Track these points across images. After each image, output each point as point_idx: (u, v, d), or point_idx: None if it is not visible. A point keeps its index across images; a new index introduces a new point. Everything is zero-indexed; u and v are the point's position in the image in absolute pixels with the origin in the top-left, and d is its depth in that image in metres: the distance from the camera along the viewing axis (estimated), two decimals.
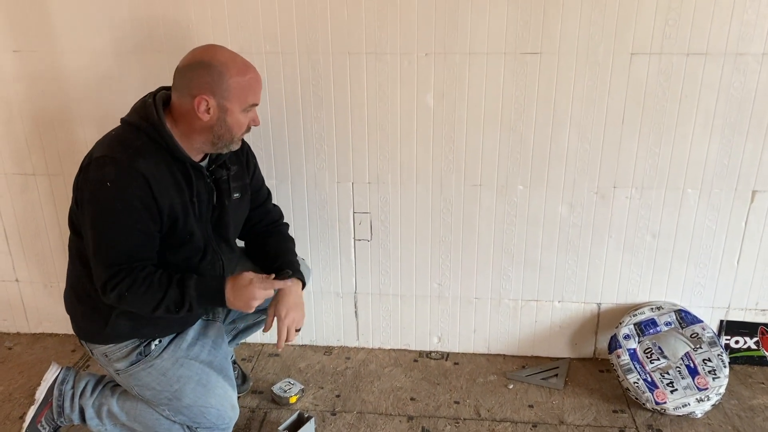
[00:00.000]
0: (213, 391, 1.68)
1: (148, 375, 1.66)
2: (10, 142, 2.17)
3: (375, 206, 2.15)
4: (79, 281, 1.66)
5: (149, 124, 1.54)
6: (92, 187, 1.50)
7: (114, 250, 1.52)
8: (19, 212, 2.27)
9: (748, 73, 1.87)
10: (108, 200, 1.49)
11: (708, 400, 1.93)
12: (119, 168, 1.48)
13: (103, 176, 1.48)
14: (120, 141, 1.54)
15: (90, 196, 1.51)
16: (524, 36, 1.90)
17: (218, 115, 1.55)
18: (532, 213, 2.10)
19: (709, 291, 2.15)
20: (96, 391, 1.79)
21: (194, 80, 1.53)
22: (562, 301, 2.21)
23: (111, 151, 1.51)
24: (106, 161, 1.49)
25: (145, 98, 1.61)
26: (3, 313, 2.45)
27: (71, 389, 1.79)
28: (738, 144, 1.96)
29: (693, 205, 2.04)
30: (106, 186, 1.48)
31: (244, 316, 1.99)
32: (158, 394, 1.67)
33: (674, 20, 1.84)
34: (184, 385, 1.66)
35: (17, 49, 2.04)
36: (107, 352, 1.68)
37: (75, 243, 1.65)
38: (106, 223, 1.51)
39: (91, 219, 1.52)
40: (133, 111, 1.60)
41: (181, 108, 1.57)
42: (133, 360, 1.67)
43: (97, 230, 1.52)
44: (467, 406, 2.04)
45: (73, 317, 1.74)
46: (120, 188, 1.48)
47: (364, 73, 1.98)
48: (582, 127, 1.98)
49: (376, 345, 2.35)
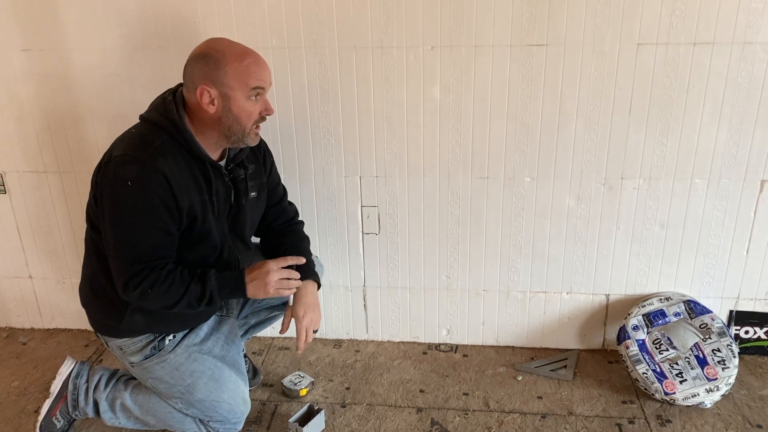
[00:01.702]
0: (225, 386, 1.70)
1: (161, 369, 1.69)
2: (22, 140, 2.19)
3: (383, 200, 2.16)
4: (95, 276, 1.67)
5: (169, 122, 1.54)
6: (113, 186, 1.50)
7: (135, 248, 1.52)
8: (32, 209, 2.30)
9: (756, 62, 1.86)
10: (129, 199, 1.49)
11: (717, 390, 1.93)
12: (140, 167, 1.48)
13: (124, 175, 1.48)
14: (141, 139, 1.53)
15: (110, 195, 1.51)
16: (530, 28, 1.89)
17: (222, 104, 1.54)
18: (540, 205, 2.10)
19: (718, 281, 2.15)
20: (110, 385, 1.82)
21: (195, 72, 1.53)
22: (571, 293, 2.21)
23: (132, 149, 1.50)
24: (127, 160, 1.48)
25: (165, 95, 1.60)
26: (17, 309, 2.48)
27: (85, 383, 1.82)
28: (746, 133, 1.95)
29: (701, 195, 2.04)
30: (127, 185, 1.47)
31: (257, 312, 2.01)
32: (171, 388, 1.69)
33: (681, 10, 1.83)
34: (197, 380, 1.68)
35: (26, 48, 2.06)
36: (122, 346, 1.70)
37: (92, 237, 1.65)
38: (127, 222, 1.51)
39: (111, 217, 1.52)
40: (153, 108, 1.59)
41: (191, 104, 1.57)
42: (147, 354, 1.69)
43: (118, 229, 1.52)
44: (476, 398, 2.05)
45: (88, 310, 1.75)
46: (141, 187, 1.48)
47: (371, 67, 1.99)
48: (589, 118, 1.98)
49: (385, 338, 2.37)
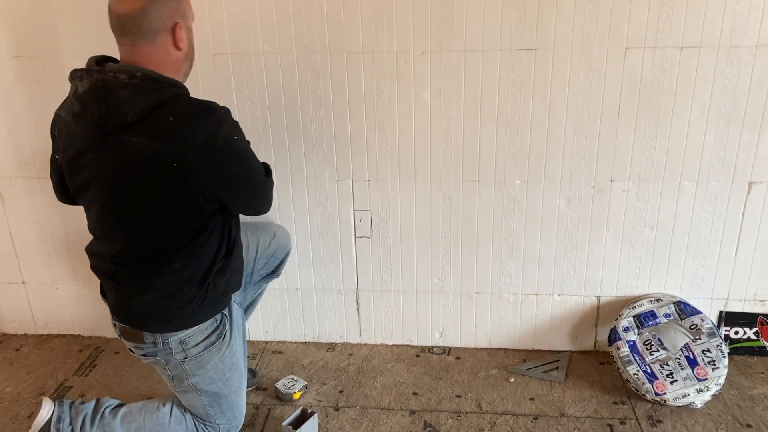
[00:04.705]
0: (243, 383, 1.81)
1: (213, 359, 1.69)
2: (15, 146, 2.20)
3: (375, 203, 2.17)
4: (176, 275, 1.58)
5: (171, 83, 1.46)
6: (233, 152, 1.49)
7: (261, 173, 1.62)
8: (25, 215, 2.30)
9: (742, 65, 1.89)
10: (247, 148, 1.54)
11: (707, 390, 1.95)
12: (228, 119, 1.49)
13: (231, 136, 1.48)
14: (197, 110, 1.46)
15: (235, 160, 1.50)
16: (519, 32, 1.91)
17: (188, 39, 1.53)
18: (531, 207, 2.12)
19: (707, 282, 2.16)
20: (95, 421, 1.73)
21: (163, 12, 1.45)
22: (562, 295, 2.23)
23: (209, 119, 1.45)
24: (220, 126, 1.46)
25: (101, 77, 1.43)
26: (10, 315, 2.48)
27: (69, 426, 1.72)
28: (734, 136, 1.97)
29: (690, 197, 2.06)
30: (233, 137, 1.48)
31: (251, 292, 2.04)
32: (211, 383, 1.71)
33: (667, 14, 1.85)
34: (233, 374, 1.74)
35: (19, 54, 2.07)
36: (187, 338, 1.64)
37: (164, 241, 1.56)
38: (250, 162, 1.56)
39: (248, 175, 1.56)
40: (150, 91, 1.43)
41: (156, 53, 1.48)
42: (213, 341, 1.68)
43: (252, 168, 1.58)
44: (469, 400, 2.06)
45: (158, 315, 1.62)
46: (241, 131, 1.52)
47: (362, 72, 2.01)
48: (578, 121, 2.00)
49: (379, 341, 2.38)
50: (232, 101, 2.07)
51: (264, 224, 2.11)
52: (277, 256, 2.06)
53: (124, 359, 2.32)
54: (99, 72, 1.44)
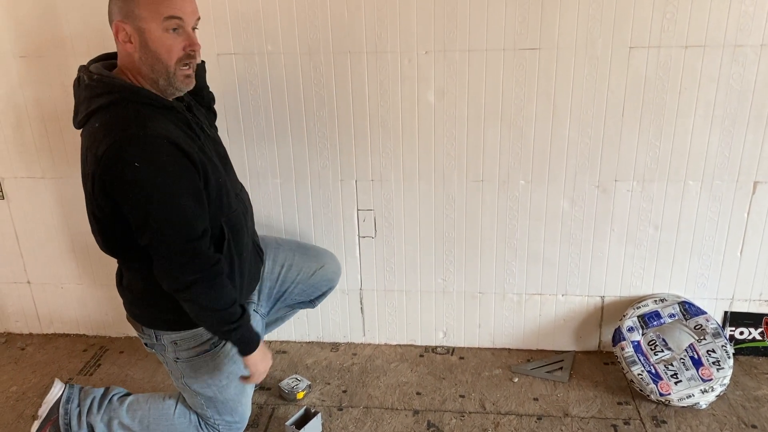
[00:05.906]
0: (245, 390, 1.77)
1: (207, 367, 1.69)
2: (19, 146, 2.21)
3: (378, 203, 2.17)
4: (138, 277, 1.61)
5: (119, 90, 1.42)
6: (124, 179, 1.37)
7: (182, 227, 1.42)
8: (30, 215, 2.31)
9: (747, 64, 1.88)
10: (149, 181, 1.37)
11: (712, 391, 1.94)
12: (138, 142, 1.36)
13: (129, 160, 1.35)
14: (117, 122, 1.38)
15: (127, 188, 1.38)
16: (523, 32, 1.91)
17: (139, 40, 1.42)
18: (534, 207, 2.11)
19: (712, 282, 2.16)
20: (103, 406, 1.78)
21: (111, 10, 1.44)
22: (566, 295, 2.22)
23: (116, 134, 1.36)
24: (121, 144, 1.35)
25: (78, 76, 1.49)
26: (15, 315, 2.49)
27: (77, 407, 1.78)
28: (739, 135, 1.96)
29: (695, 197, 2.05)
30: (135, 166, 1.35)
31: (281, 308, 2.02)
32: (205, 387, 1.71)
33: (672, 13, 1.85)
34: (231, 381, 1.72)
35: (24, 54, 2.08)
36: (179, 340, 1.65)
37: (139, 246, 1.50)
38: (161, 204, 1.39)
39: (143, 211, 1.39)
40: (92, 96, 1.44)
41: (119, 52, 1.48)
42: (207, 349, 1.67)
43: (154, 217, 1.39)
44: (472, 400, 2.06)
45: (149, 312, 1.65)
46: (152, 162, 1.37)
47: (365, 72, 2.01)
48: (582, 121, 1.99)
49: (382, 341, 2.38)
50: (236, 101, 2.08)
51: (318, 251, 2.05)
52: (319, 288, 2.01)
53: (129, 359, 2.33)
54: (81, 70, 1.52)
